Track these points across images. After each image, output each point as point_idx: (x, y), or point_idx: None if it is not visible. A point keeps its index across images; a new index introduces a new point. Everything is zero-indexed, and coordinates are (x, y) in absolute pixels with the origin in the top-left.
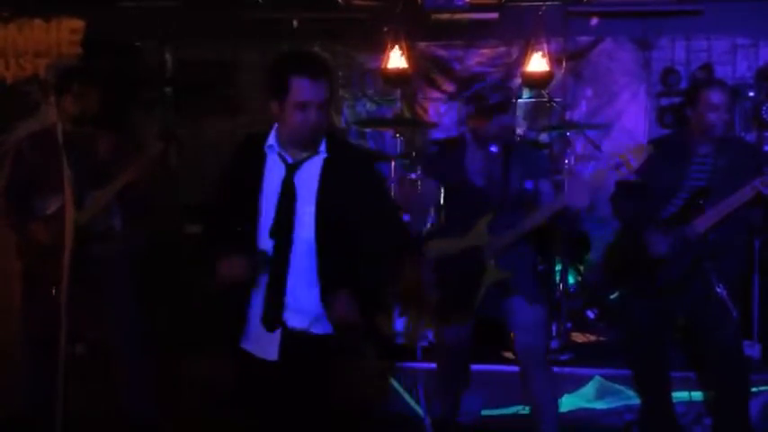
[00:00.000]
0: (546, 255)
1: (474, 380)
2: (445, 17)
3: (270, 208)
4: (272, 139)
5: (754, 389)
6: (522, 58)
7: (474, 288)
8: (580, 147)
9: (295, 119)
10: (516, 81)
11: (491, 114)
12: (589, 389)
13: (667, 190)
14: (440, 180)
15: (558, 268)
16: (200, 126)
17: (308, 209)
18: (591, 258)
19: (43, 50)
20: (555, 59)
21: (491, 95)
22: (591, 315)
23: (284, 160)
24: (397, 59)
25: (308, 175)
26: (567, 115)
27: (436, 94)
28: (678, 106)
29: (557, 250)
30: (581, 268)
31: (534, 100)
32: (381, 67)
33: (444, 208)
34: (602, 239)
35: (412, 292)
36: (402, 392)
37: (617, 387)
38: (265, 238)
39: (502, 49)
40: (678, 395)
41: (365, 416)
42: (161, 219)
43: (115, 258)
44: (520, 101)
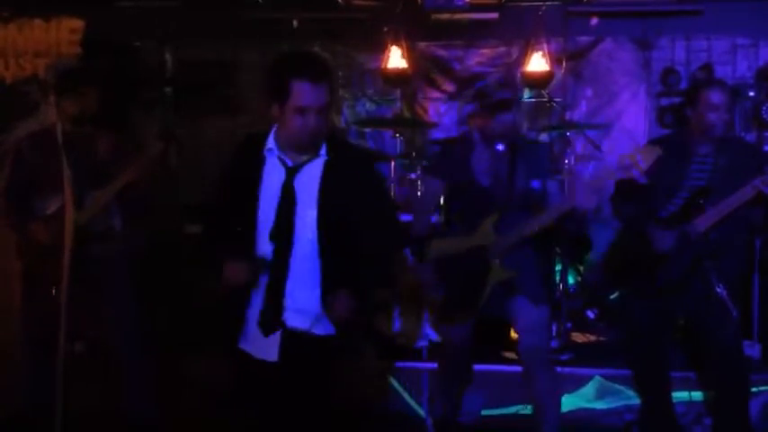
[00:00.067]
0: (546, 255)
1: (474, 380)
2: (445, 17)
3: (269, 211)
4: (270, 142)
5: (754, 389)
6: (522, 58)
7: (479, 287)
8: (580, 147)
9: (295, 123)
10: (516, 81)
11: (494, 112)
12: (589, 389)
13: (668, 189)
14: (445, 179)
15: (558, 268)
16: (199, 126)
17: (309, 212)
18: (591, 258)
19: (43, 50)
20: (555, 59)
21: (495, 93)
22: (591, 315)
23: (284, 163)
24: (396, 59)
25: (308, 178)
26: (567, 115)
27: (436, 94)
28: (678, 106)
29: (559, 250)
30: (581, 268)
31: (534, 100)
32: (381, 67)
33: (449, 207)
34: (602, 239)
35: (410, 291)
36: (402, 392)
37: (617, 387)
38: (264, 240)
39: (502, 49)
40: (678, 395)
41: (365, 415)
42: (161, 219)
43: (115, 258)
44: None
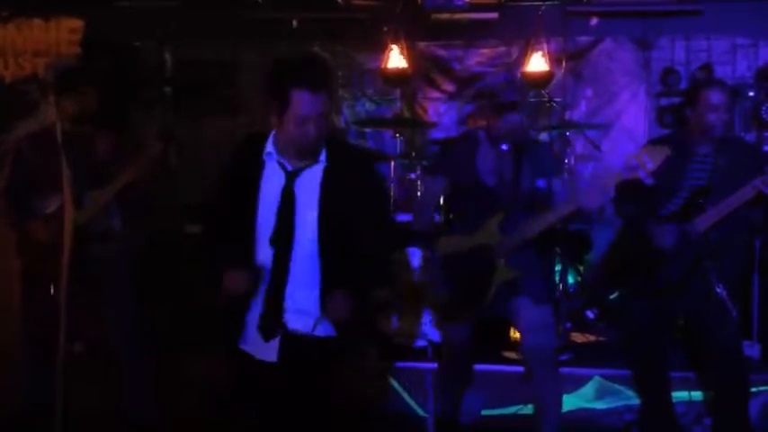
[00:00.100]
0: (546, 255)
1: (474, 380)
2: (445, 17)
3: (269, 215)
4: (270, 146)
5: (753, 389)
6: (522, 57)
7: (484, 287)
8: (580, 147)
9: (294, 131)
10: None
11: (502, 112)
12: (588, 389)
13: (667, 189)
14: (448, 177)
15: (558, 268)
16: (199, 126)
17: (309, 213)
18: (590, 258)
19: (42, 50)
20: (555, 59)
21: (503, 93)
22: (590, 315)
23: (284, 168)
24: (396, 59)
25: (308, 181)
26: (567, 115)
27: (436, 93)
28: (678, 106)
29: (559, 250)
30: (581, 268)
31: (534, 100)
32: (381, 66)
33: (451, 206)
34: (602, 239)
35: (409, 291)
36: (402, 392)
37: (616, 387)
38: (264, 244)
39: (502, 49)
40: (678, 395)
41: (365, 416)
42: (161, 219)
43: (115, 258)
44: None
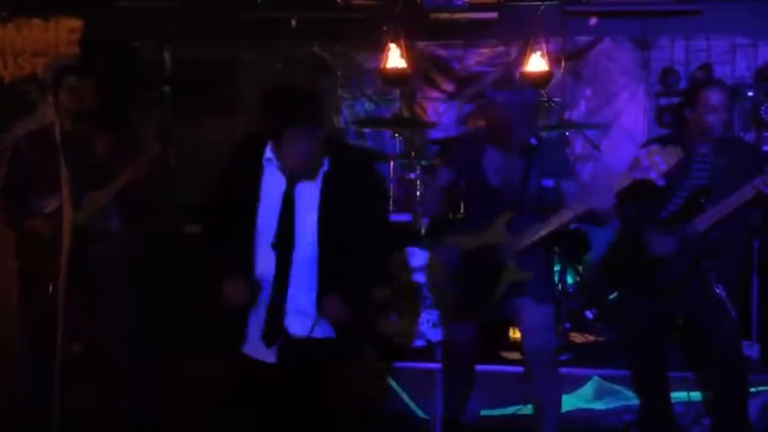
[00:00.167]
0: (546, 255)
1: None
2: (444, 17)
3: (270, 219)
4: (269, 152)
5: (752, 389)
6: (521, 57)
7: (492, 286)
8: (579, 147)
9: (291, 159)
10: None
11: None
12: (587, 389)
13: (667, 189)
14: (456, 174)
15: (557, 268)
16: (198, 126)
17: (309, 218)
18: (590, 258)
19: (41, 50)
20: (554, 59)
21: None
22: (589, 315)
23: (284, 173)
24: (395, 59)
25: (308, 185)
26: (566, 115)
27: (435, 93)
28: (677, 106)
29: (558, 250)
30: (580, 268)
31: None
32: (380, 66)
33: (455, 204)
34: (601, 240)
35: (408, 291)
36: (400, 392)
37: (615, 387)
38: (263, 247)
39: (501, 49)
40: (677, 395)
41: (363, 416)
42: (160, 219)
43: (113, 258)
44: None
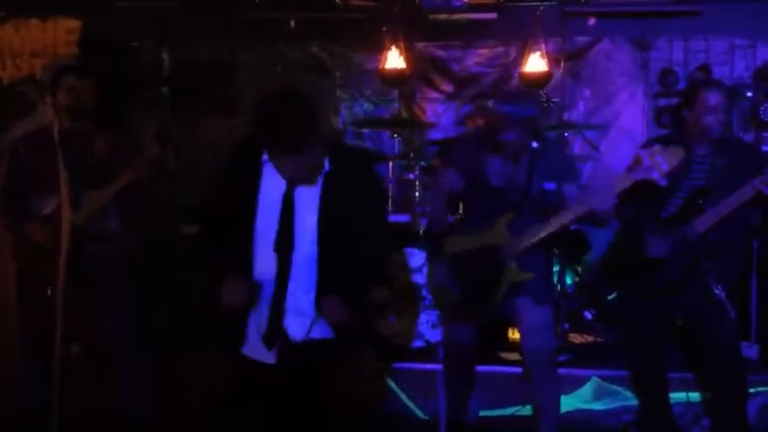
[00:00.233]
0: (545, 255)
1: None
2: (443, 17)
3: (269, 221)
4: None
5: (751, 390)
6: (520, 58)
7: (493, 287)
8: (578, 147)
9: (287, 173)
10: (514, 81)
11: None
12: (586, 390)
13: (666, 190)
14: (460, 173)
15: (556, 269)
16: (197, 126)
17: (309, 219)
18: (589, 259)
19: (40, 50)
20: (553, 60)
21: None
22: (589, 316)
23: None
24: (394, 60)
25: (308, 187)
26: (565, 115)
27: (434, 94)
28: (676, 107)
29: (557, 251)
30: (579, 269)
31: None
32: (379, 67)
33: (455, 205)
34: (600, 240)
35: (407, 291)
36: (399, 393)
37: (614, 388)
38: (262, 249)
39: (500, 50)
40: (676, 396)
41: (362, 417)
42: (159, 219)
43: (112, 259)
44: None
